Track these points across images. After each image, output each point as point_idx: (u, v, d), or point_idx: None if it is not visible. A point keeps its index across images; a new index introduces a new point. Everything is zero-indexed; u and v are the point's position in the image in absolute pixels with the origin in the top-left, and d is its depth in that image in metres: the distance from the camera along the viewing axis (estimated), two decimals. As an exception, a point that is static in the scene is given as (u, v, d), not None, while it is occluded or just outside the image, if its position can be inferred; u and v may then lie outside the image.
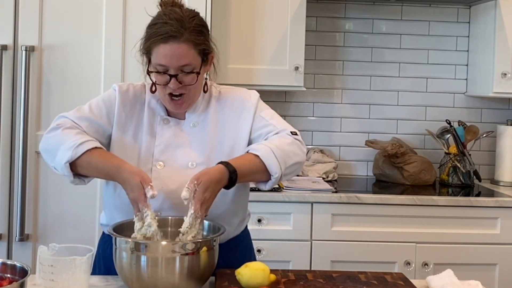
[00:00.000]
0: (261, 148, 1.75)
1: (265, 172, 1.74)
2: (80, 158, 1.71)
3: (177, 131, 1.85)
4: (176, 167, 1.82)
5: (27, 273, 1.40)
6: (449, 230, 2.98)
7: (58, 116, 1.85)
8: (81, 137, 1.75)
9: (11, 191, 2.78)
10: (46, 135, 1.81)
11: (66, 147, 1.72)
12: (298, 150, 1.81)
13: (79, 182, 1.79)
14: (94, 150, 1.73)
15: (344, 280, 1.69)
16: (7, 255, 2.77)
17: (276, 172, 1.73)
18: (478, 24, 3.50)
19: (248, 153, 1.76)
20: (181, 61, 1.73)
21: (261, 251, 2.90)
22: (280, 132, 1.83)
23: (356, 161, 3.61)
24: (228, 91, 1.93)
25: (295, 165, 1.79)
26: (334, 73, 3.58)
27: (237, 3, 3.16)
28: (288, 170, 1.77)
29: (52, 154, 1.76)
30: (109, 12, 2.79)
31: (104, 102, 1.87)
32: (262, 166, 1.73)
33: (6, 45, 2.74)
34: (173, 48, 1.72)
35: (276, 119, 1.88)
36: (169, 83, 1.75)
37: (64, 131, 1.77)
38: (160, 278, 1.53)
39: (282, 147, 1.76)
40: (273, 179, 1.75)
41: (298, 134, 1.84)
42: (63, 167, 1.72)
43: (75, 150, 1.71)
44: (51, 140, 1.78)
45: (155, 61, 1.74)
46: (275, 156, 1.73)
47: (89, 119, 1.83)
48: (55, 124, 1.81)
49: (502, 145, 3.42)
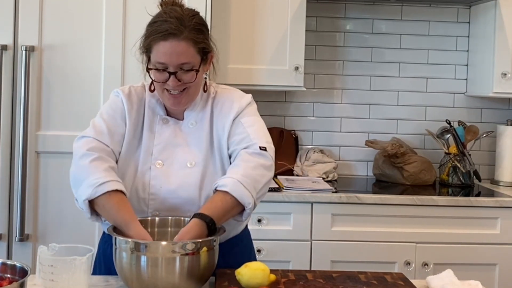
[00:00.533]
0: (228, 182, 1.70)
1: (239, 206, 1.71)
2: (98, 198, 1.69)
3: (176, 131, 1.86)
4: (175, 167, 1.82)
5: (27, 273, 1.40)
6: (449, 230, 2.98)
7: (80, 136, 1.82)
8: (105, 175, 1.71)
9: (11, 191, 2.78)
10: (78, 161, 1.77)
11: (88, 183, 1.69)
12: (264, 170, 1.77)
13: (96, 220, 1.76)
14: (113, 194, 1.69)
15: (344, 280, 1.69)
16: (7, 255, 2.77)
17: (250, 202, 1.71)
18: (478, 24, 3.50)
19: (217, 193, 1.71)
20: (180, 58, 1.73)
21: (261, 251, 2.90)
22: (248, 147, 1.79)
23: (356, 161, 3.61)
24: (224, 92, 1.92)
25: (264, 186, 1.77)
26: (334, 73, 3.58)
27: (237, 3, 3.16)
28: (259, 194, 1.75)
29: (77, 185, 1.73)
30: (109, 12, 2.79)
31: (114, 110, 1.86)
32: (234, 201, 1.69)
33: (6, 45, 2.74)
34: (173, 46, 1.72)
35: (253, 128, 1.84)
36: (168, 80, 1.75)
37: (92, 163, 1.74)
38: (160, 278, 1.53)
39: (248, 173, 1.73)
40: (248, 210, 1.73)
41: (267, 149, 1.80)
42: (82, 203, 1.71)
43: (95, 189, 1.68)
44: (79, 170, 1.75)
45: (154, 58, 1.74)
46: (244, 186, 1.70)
47: (109, 132, 1.82)
48: (85, 150, 1.76)
49: (502, 145, 3.42)
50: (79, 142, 1.81)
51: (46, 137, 2.78)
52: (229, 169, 1.78)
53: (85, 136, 1.81)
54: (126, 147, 1.84)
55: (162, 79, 1.76)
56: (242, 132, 1.83)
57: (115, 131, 1.83)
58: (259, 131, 1.84)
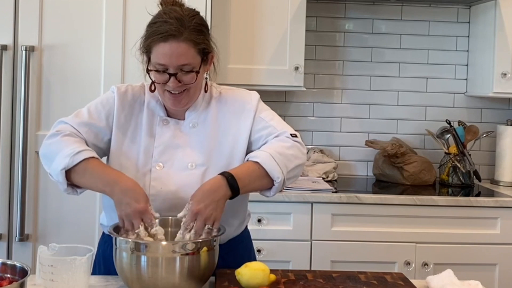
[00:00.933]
0: (261, 154, 1.73)
1: (267, 178, 1.73)
2: (77, 166, 1.70)
3: (176, 132, 1.85)
4: (175, 168, 1.81)
5: (27, 273, 1.40)
6: (449, 230, 2.98)
7: (58, 122, 1.85)
8: (80, 145, 1.74)
9: (11, 191, 2.78)
10: (45, 141, 1.80)
11: (63, 154, 1.71)
12: (299, 152, 1.80)
13: (72, 192, 1.77)
14: (91, 160, 1.72)
15: (344, 280, 1.69)
16: (7, 255, 2.77)
17: (279, 176, 1.72)
18: (478, 24, 3.50)
19: (248, 161, 1.74)
20: (181, 60, 1.72)
21: (261, 251, 2.90)
22: (279, 135, 1.81)
23: (356, 161, 3.61)
24: (229, 92, 1.92)
25: (297, 168, 1.79)
26: (334, 73, 3.58)
27: (237, 3, 3.16)
28: (290, 174, 1.76)
29: (50, 160, 1.75)
30: (109, 12, 2.79)
31: (103, 105, 1.86)
32: (263, 172, 1.71)
33: (6, 45, 2.74)
34: (173, 47, 1.71)
35: (276, 121, 1.87)
36: (168, 81, 1.75)
37: (63, 138, 1.77)
38: (160, 278, 1.53)
39: (282, 151, 1.75)
40: (276, 184, 1.74)
41: (298, 136, 1.83)
42: (58, 174, 1.71)
43: (72, 158, 1.70)
44: (50, 146, 1.78)
45: (154, 60, 1.74)
46: (276, 161, 1.72)
47: (88, 124, 1.83)
48: (54, 130, 1.80)
49: (502, 145, 3.42)
50: (56, 126, 1.83)
51: (46, 137, 2.78)
52: (263, 146, 1.79)
53: (64, 122, 1.83)
54: (116, 147, 1.83)
55: (162, 80, 1.76)
56: (267, 126, 1.84)
57: (94, 124, 1.83)
58: (281, 123, 1.87)
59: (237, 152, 1.83)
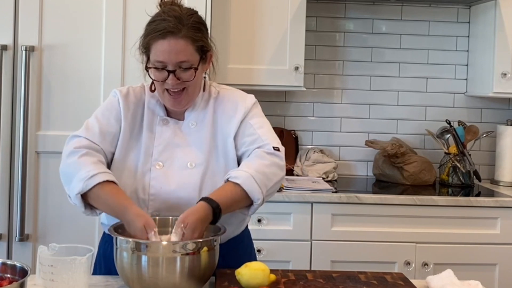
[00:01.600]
0: (241, 175, 1.72)
1: (247, 199, 1.73)
2: (91, 191, 1.70)
3: (176, 132, 1.86)
4: (175, 168, 1.82)
5: (27, 273, 1.40)
6: (449, 230, 2.98)
7: (71, 137, 1.83)
8: (95, 167, 1.73)
9: (11, 191, 2.78)
10: (65, 159, 1.79)
11: (79, 177, 1.71)
12: (277, 170, 1.78)
13: (91, 214, 1.77)
14: (105, 184, 1.71)
15: (344, 280, 1.69)
16: (7, 255, 2.77)
17: (259, 198, 1.72)
18: (478, 24, 3.50)
19: (228, 182, 1.73)
20: (179, 57, 1.73)
21: (261, 251, 2.90)
22: (262, 146, 1.80)
23: (356, 161, 3.61)
24: (226, 92, 1.93)
25: (275, 185, 1.78)
26: (334, 73, 3.58)
27: (237, 3, 3.16)
28: (269, 192, 1.76)
29: (68, 181, 1.75)
30: (109, 12, 2.79)
31: (109, 111, 1.86)
32: (244, 194, 1.71)
33: (6, 45, 2.74)
34: (171, 44, 1.72)
35: (264, 129, 1.85)
36: (167, 79, 1.75)
37: (81, 159, 1.75)
38: (161, 278, 1.53)
39: (262, 170, 1.74)
40: (256, 205, 1.74)
41: (280, 150, 1.82)
42: (74, 198, 1.72)
43: (86, 182, 1.70)
44: (68, 167, 1.77)
45: (153, 57, 1.75)
46: (256, 182, 1.71)
47: (101, 133, 1.82)
48: (72, 148, 1.78)
49: (502, 145, 3.42)
50: (69, 142, 1.82)
51: (46, 137, 2.78)
52: (243, 164, 1.79)
53: (76, 136, 1.83)
54: (122, 147, 1.84)
55: (161, 78, 1.76)
56: (253, 133, 1.84)
57: (107, 131, 1.83)
58: (269, 133, 1.86)
59: (229, 153, 1.84)
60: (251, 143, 1.82)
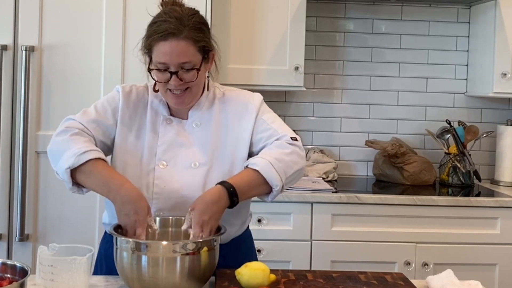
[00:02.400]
0: (260, 162, 1.74)
1: (266, 185, 1.74)
2: (82, 166, 1.70)
3: (180, 131, 1.86)
4: (178, 167, 1.82)
5: (27, 273, 1.40)
6: (449, 230, 2.98)
7: (66, 119, 1.85)
8: (87, 145, 1.74)
9: (11, 191, 2.78)
10: (54, 137, 1.80)
11: (70, 153, 1.71)
12: (297, 158, 1.80)
13: (77, 191, 1.77)
14: (97, 161, 1.72)
15: (344, 280, 1.69)
16: (7, 255, 2.77)
17: (278, 184, 1.73)
18: (478, 24, 3.50)
19: (246, 169, 1.75)
20: (181, 58, 1.73)
21: (261, 251, 2.90)
22: (280, 138, 1.82)
23: (356, 161, 3.61)
24: (232, 93, 1.93)
25: (296, 173, 1.79)
26: (334, 73, 3.58)
27: (237, 3, 3.16)
28: (289, 179, 1.77)
29: (56, 158, 1.75)
30: (109, 12, 2.79)
31: (109, 103, 1.88)
32: (262, 179, 1.72)
33: (6, 45, 2.74)
34: (173, 46, 1.72)
35: (277, 123, 1.87)
36: (170, 80, 1.75)
37: (72, 136, 1.76)
38: (161, 278, 1.53)
39: (281, 157, 1.76)
40: (275, 191, 1.75)
41: (298, 140, 1.83)
42: (63, 173, 1.72)
43: (78, 157, 1.70)
44: (57, 144, 1.77)
45: (155, 59, 1.75)
46: (275, 169, 1.72)
47: (96, 121, 1.83)
48: (64, 127, 1.80)
49: (502, 145, 3.42)
50: (63, 123, 1.83)
51: (46, 137, 2.78)
52: (262, 151, 1.80)
53: (71, 119, 1.84)
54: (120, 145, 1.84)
55: (164, 79, 1.77)
56: (268, 128, 1.85)
57: (101, 121, 1.84)
58: (283, 126, 1.88)
59: (239, 152, 1.84)
60: (269, 137, 1.83)
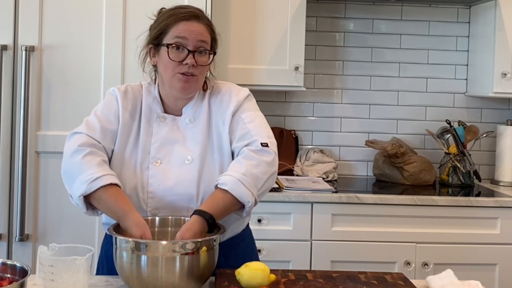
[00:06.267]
0: (229, 180, 1.71)
1: (238, 203, 1.73)
2: (94, 193, 1.70)
3: (173, 128, 1.86)
4: (172, 164, 1.82)
5: (27, 273, 1.40)
6: (449, 230, 2.98)
7: (72, 133, 1.83)
8: (99, 170, 1.73)
9: (11, 191, 2.78)
10: (69, 158, 1.78)
11: (82, 179, 1.71)
12: (266, 167, 1.78)
13: (92, 214, 1.78)
14: (108, 188, 1.71)
15: (344, 280, 1.69)
16: (7, 255, 2.77)
17: (249, 200, 1.72)
18: (478, 24, 3.50)
19: (217, 190, 1.73)
20: (201, 36, 1.79)
21: (261, 251, 2.90)
22: (250, 144, 1.80)
23: (356, 161, 3.61)
24: (220, 86, 1.94)
25: (267, 182, 1.78)
26: (334, 73, 3.59)
27: (237, 3, 3.16)
28: (261, 191, 1.76)
29: (70, 181, 1.76)
30: (109, 12, 2.79)
31: (108, 108, 1.87)
32: (234, 199, 1.71)
33: (6, 45, 2.74)
34: (194, 25, 1.79)
35: (254, 123, 1.85)
36: (186, 59, 1.77)
37: (85, 158, 1.75)
38: (160, 277, 1.53)
39: (250, 171, 1.74)
40: (247, 208, 1.75)
41: (269, 146, 1.81)
42: (77, 199, 1.73)
43: (90, 185, 1.70)
44: (72, 166, 1.76)
45: (174, 34, 1.78)
46: (244, 185, 1.71)
47: (102, 130, 1.83)
48: (76, 146, 1.78)
49: (502, 145, 3.42)
50: (70, 139, 1.82)
51: (46, 137, 2.78)
52: (231, 166, 1.79)
53: (77, 133, 1.83)
54: (120, 145, 1.84)
55: (180, 58, 1.78)
56: (243, 128, 1.84)
57: (107, 128, 1.84)
58: (259, 127, 1.86)
59: (224, 147, 1.85)
60: (240, 139, 1.83)
